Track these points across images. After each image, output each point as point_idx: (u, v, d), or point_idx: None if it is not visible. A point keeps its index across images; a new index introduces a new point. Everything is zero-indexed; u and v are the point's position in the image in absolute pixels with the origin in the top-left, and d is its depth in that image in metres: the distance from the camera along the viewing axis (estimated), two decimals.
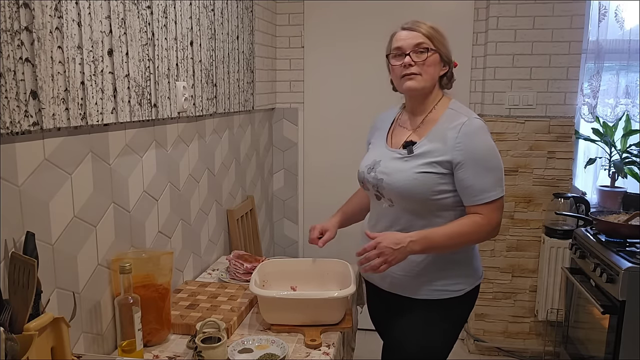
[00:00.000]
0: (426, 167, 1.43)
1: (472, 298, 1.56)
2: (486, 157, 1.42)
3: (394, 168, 1.48)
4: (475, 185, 1.41)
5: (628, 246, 2.10)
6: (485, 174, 1.41)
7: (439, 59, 1.48)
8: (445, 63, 1.50)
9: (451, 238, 1.41)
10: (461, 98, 2.90)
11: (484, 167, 1.41)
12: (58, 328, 1.05)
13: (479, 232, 1.43)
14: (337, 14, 2.94)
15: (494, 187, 1.41)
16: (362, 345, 2.31)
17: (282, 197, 3.20)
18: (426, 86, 1.48)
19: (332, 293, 1.50)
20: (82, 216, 1.27)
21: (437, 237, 1.41)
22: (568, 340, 2.48)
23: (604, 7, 2.66)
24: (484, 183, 1.41)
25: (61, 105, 1.14)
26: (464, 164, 1.40)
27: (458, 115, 1.46)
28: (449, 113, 1.48)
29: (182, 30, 1.75)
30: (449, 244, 1.42)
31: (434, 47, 1.46)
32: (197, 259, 2.01)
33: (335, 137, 3.06)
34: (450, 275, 1.50)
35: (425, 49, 1.45)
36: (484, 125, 1.45)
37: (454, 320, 1.55)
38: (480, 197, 1.41)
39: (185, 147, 1.86)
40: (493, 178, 1.41)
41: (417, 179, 1.43)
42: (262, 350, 1.38)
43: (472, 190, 1.41)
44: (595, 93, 2.74)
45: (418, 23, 1.48)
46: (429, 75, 1.47)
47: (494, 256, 2.90)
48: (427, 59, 1.45)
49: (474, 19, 2.81)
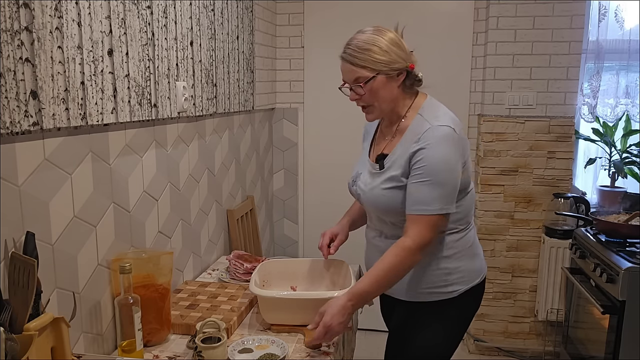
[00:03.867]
0: (391, 182, 1.39)
1: (469, 299, 1.51)
2: (436, 169, 1.31)
3: (368, 184, 1.47)
4: (414, 194, 1.33)
5: (628, 246, 2.10)
6: (428, 186, 1.31)
7: (384, 79, 1.35)
8: (397, 73, 1.37)
9: (378, 282, 1.34)
10: (461, 98, 2.94)
11: (431, 179, 1.31)
12: (58, 328, 1.05)
13: (404, 262, 1.33)
14: (337, 14, 2.94)
15: (433, 202, 1.31)
16: (362, 345, 2.31)
17: (282, 197, 3.20)
18: (384, 110, 1.42)
19: (332, 293, 1.50)
20: (82, 216, 1.27)
21: (365, 288, 1.33)
22: (568, 340, 2.48)
23: (604, 7, 2.66)
24: (423, 194, 1.31)
25: (61, 105, 1.14)
26: (414, 171, 1.34)
27: (423, 124, 1.36)
28: (416, 121, 1.39)
29: (182, 30, 1.75)
30: (380, 287, 1.36)
31: (372, 74, 1.34)
32: (197, 259, 2.01)
33: (335, 137, 3.06)
34: (441, 277, 1.45)
35: (365, 79, 1.35)
36: (449, 134, 1.33)
37: (451, 321, 1.50)
38: (414, 207, 1.33)
39: (185, 147, 1.86)
40: (436, 192, 1.31)
41: (386, 195, 1.40)
42: (262, 350, 1.38)
43: (410, 198, 1.34)
44: (595, 93, 2.74)
45: (349, 50, 1.36)
46: (379, 102, 1.39)
47: (494, 256, 2.90)
48: (372, 88, 1.36)
49: (474, 19, 2.81)
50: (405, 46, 1.39)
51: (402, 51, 1.37)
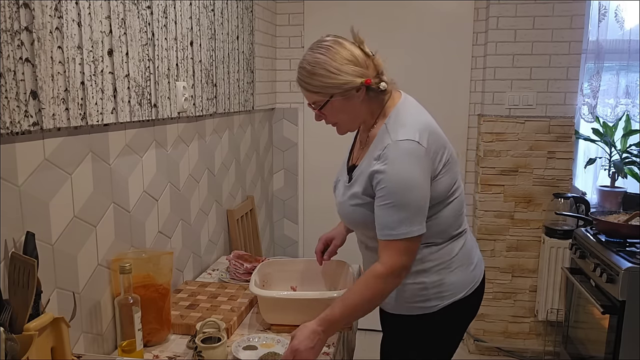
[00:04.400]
0: (354, 198, 1.32)
1: (456, 310, 1.38)
2: (395, 190, 1.22)
3: (341, 196, 1.40)
4: (379, 218, 1.25)
5: (628, 246, 2.10)
6: (390, 209, 1.22)
7: (340, 99, 1.27)
8: (355, 90, 1.26)
9: (351, 311, 1.26)
10: (461, 98, 2.94)
11: (393, 200, 1.22)
12: (58, 328, 1.05)
13: (376, 291, 1.25)
14: (337, 14, 2.94)
15: (399, 226, 1.22)
16: (362, 345, 2.31)
17: (282, 197, 3.20)
18: (352, 125, 1.37)
19: (332, 293, 1.50)
20: (82, 216, 1.27)
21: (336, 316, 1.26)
22: (568, 340, 2.48)
23: (604, 7, 2.66)
24: (387, 218, 1.23)
25: (61, 105, 1.14)
26: (377, 192, 1.25)
27: (384, 138, 1.27)
28: (381, 132, 1.30)
29: (182, 30, 1.75)
30: (352, 316, 1.30)
31: (327, 97, 1.27)
32: (197, 259, 2.01)
33: (335, 137, 3.01)
34: (415, 294, 1.36)
35: (321, 103, 1.29)
36: (410, 149, 1.22)
37: (429, 339, 1.41)
38: (381, 232, 1.25)
39: (185, 147, 1.86)
40: (398, 216, 1.21)
41: (355, 211, 1.33)
42: (267, 348, 1.38)
43: (377, 222, 1.26)
44: (595, 93, 2.74)
45: (300, 75, 1.29)
46: (344, 118, 1.33)
47: (494, 256, 2.90)
48: (332, 108, 1.29)
49: (474, 19, 2.81)
50: (361, 58, 1.27)
51: (358, 66, 1.26)
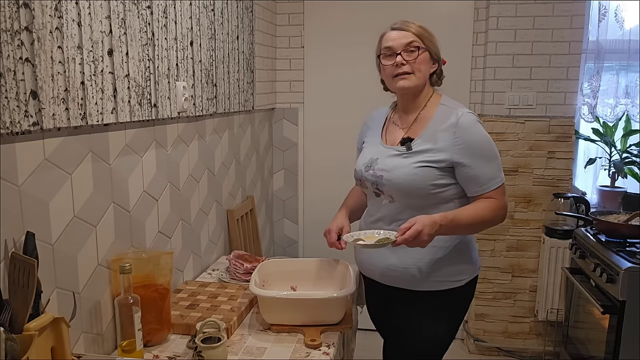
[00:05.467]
0: (425, 162, 1.47)
1: (472, 288, 1.61)
2: (485, 148, 1.47)
3: (393, 164, 1.51)
4: (481, 175, 1.46)
5: (628, 246, 2.10)
6: (487, 164, 1.47)
7: (429, 57, 1.52)
8: (434, 61, 1.54)
9: (475, 222, 1.46)
10: (461, 98, 2.91)
11: (485, 158, 1.46)
12: (58, 328, 1.05)
13: (495, 216, 1.48)
14: (337, 14, 2.94)
15: (498, 173, 1.49)
16: (362, 345, 2.31)
17: (282, 197, 3.20)
18: (418, 84, 1.52)
19: (332, 293, 1.50)
20: (82, 216, 1.27)
21: (462, 220, 1.44)
22: (568, 340, 2.48)
23: (604, 7, 2.66)
24: (488, 172, 1.47)
25: (61, 105, 1.14)
26: (465, 159, 1.45)
27: (451, 112, 1.50)
28: (442, 109, 1.52)
29: (182, 30, 1.75)
30: (471, 228, 1.49)
31: (424, 46, 1.49)
32: (197, 259, 2.01)
33: (335, 137, 3.06)
34: (451, 267, 1.53)
35: (416, 47, 1.48)
36: (476, 117, 1.51)
37: (457, 310, 1.60)
38: (488, 184, 1.47)
39: (185, 147, 1.86)
40: (495, 166, 1.48)
41: (417, 173, 1.46)
42: (371, 240, 1.45)
43: (479, 180, 1.47)
44: (595, 93, 2.74)
45: (407, 23, 1.52)
46: (420, 73, 1.50)
47: (494, 256, 2.90)
48: (418, 57, 1.49)
49: (474, 19, 2.81)
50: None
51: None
